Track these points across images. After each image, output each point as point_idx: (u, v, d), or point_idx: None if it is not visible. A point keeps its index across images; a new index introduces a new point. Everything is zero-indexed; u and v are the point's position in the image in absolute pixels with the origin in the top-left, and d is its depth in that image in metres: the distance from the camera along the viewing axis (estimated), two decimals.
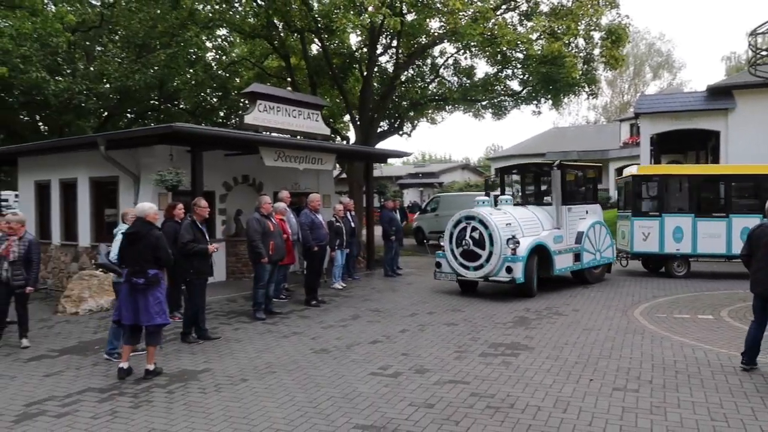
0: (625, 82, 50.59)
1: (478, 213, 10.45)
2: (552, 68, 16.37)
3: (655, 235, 12.66)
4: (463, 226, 10.52)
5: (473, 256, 10.35)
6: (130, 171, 10.95)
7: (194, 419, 4.92)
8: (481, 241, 10.22)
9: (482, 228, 10.25)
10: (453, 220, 10.84)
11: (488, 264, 10.18)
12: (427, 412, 4.94)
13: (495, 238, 10.11)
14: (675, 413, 4.82)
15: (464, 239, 10.38)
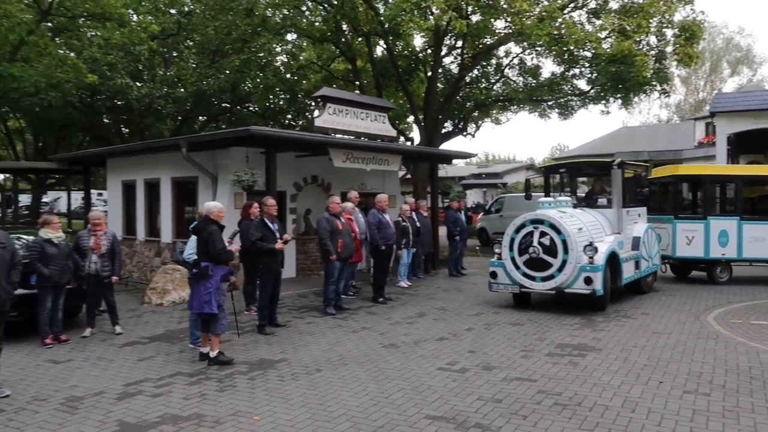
0: (701, 78, 48.35)
1: (549, 216, 9.25)
2: (622, 67, 16.04)
3: (700, 239, 11.95)
4: (528, 231, 9.34)
5: (541, 266, 9.17)
6: (209, 171, 11.59)
7: (275, 404, 5.28)
8: (553, 248, 9.06)
9: (553, 233, 9.09)
10: (514, 224, 9.60)
11: (560, 274, 9.02)
12: (495, 407, 5.11)
13: (570, 244, 8.96)
14: (749, 418, 4.78)
15: (531, 246, 9.19)
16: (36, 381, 6.03)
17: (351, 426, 4.72)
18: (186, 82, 19.57)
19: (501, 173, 46.35)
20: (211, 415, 4.99)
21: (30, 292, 7.66)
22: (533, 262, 9.25)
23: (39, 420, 4.94)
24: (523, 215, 9.70)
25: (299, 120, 24.91)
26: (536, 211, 9.58)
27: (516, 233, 9.50)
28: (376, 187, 14.90)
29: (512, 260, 9.46)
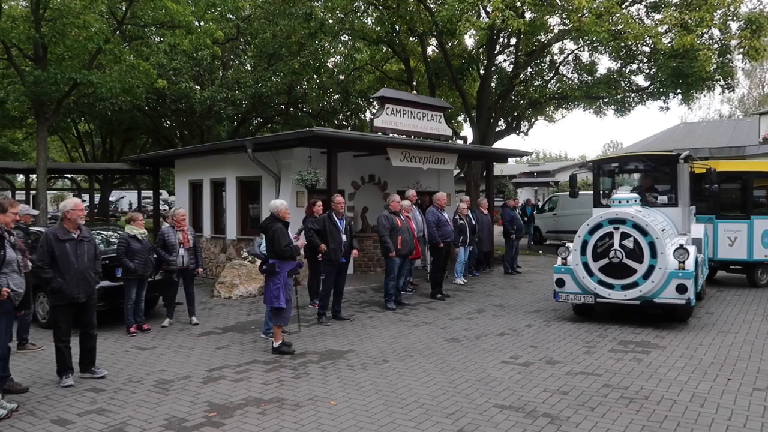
0: (766, 71, 46.29)
1: (633, 215, 8.12)
2: (683, 62, 15.65)
3: (743, 240, 11.25)
4: (606, 233, 8.20)
5: (622, 272, 8.05)
6: (272, 171, 12.08)
7: (348, 390, 5.59)
8: (637, 252, 7.97)
9: (638, 234, 7.99)
10: (588, 225, 8.42)
11: (647, 281, 7.90)
12: (561, 398, 5.26)
13: (659, 247, 7.86)
14: None
15: (612, 249, 8.08)
16: (128, 365, 6.55)
17: (423, 412, 4.97)
18: (244, 85, 20.29)
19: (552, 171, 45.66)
20: (290, 399, 5.34)
21: (115, 285, 8.29)
22: (612, 267, 8.12)
23: (137, 399, 5.40)
24: (599, 214, 8.56)
25: (352, 120, 25.40)
26: (613, 209, 8.49)
27: (590, 235, 8.35)
28: (431, 186, 15.12)
29: (584, 266, 8.31)
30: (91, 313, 5.99)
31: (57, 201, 45.76)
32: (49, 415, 5.02)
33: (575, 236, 8.61)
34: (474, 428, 4.61)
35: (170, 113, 22.32)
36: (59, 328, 5.77)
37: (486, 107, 18.97)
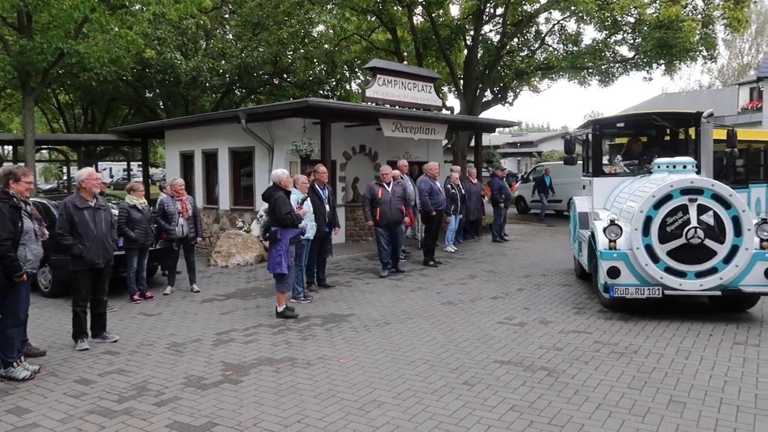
0: (746, 42, 46.84)
1: (713, 184, 6.57)
2: (668, 33, 15.92)
3: None
4: (677, 206, 6.50)
5: (699, 255, 6.46)
6: (266, 142, 12.18)
7: (355, 349, 5.87)
8: (719, 230, 6.42)
9: (720, 208, 6.45)
10: (653, 196, 6.55)
11: (729, 266, 6.40)
12: (557, 353, 5.61)
13: (745, 223, 6.39)
14: None
15: (689, 228, 6.39)
16: (138, 330, 6.76)
17: (429, 368, 5.28)
18: (230, 56, 20.11)
19: (535, 142, 46.14)
20: (301, 359, 5.61)
21: (117, 254, 8.41)
22: (685, 250, 6.48)
23: (154, 360, 5.63)
24: (666, 181, 6.64)
25: (338, 91, 25.35)
26: (686, 177, 6.71)
27: (655, 209, 6.55)
28: (421, 157, 15.32)
29: (648, 249, 6.57)
30: (105, 280, 6.18)
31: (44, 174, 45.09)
32: (71, 375, 5.23)
33: (634, 211, 6.70)
34: (478, 381, 4.93)
35: (155, 84, 22.08)
36: (78, 293, 5.95)
37: (473, 78, 19.12)
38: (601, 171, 8.73)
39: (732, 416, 4.17)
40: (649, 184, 7.12)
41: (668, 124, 8.72)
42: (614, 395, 4.57)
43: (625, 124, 9.36)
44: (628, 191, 7.80)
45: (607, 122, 9.25)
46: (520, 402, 4.48)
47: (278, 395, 4.70)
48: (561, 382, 4.87)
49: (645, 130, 9.42)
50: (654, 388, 4.69)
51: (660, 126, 8.77)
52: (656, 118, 8.57)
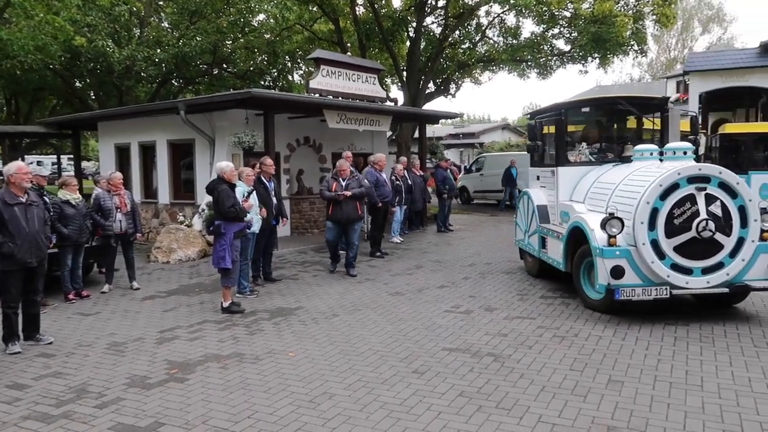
0: (673, 37, 49.14)
1: (720, 171, 6.09)
2: (602, 27, 16.51)
3: None
4: (685, 196, 5.97)
5: (706, 250, 5.99)
6: (206, 134, 11.86)
7: (304, 342, 5.84)
8: (726, 221, 5.98)
9: (727, 197, 6.01)
10: (659, 184, 5.99)
11: (734, 260, 6.01)
12: (502, 339, 5.75)
13: (751, 213, 6.03)
14: (722, 341, 5.50)
15: (699, 220, 5.89)
16: (74, 330, 6.47)
17: (378, 358, 5.31)
18: (166, 45, 19.43)
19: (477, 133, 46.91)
20: (249, 354, 5.53)
21: (50, 252, 8.01)
22: (692, 245, 5.96)
23: (93, 361, 5.41)
24: (672, 168, 6.08)
25: (279, 82, 24.95)
26: (692, 164, 6.20)
27: (662, 200, 5.98)
28: (366, 148, 15.31)
29: (654, 245, 6.00)
30: (38, 279, 5.87)
31: None
32: (2, 380, 4.96)
33: (635, 202, 6.12)
34: (427, 369, 5.00)
35: (86, 73, 21.07)
36: (9, 293, 5.62)
37: (416, 69, 19.25)
38: (566, 160, 7.97)
39: (666, 392, 4.40)
40: (643, 173, 6.45)
41: (635, 110, 8.11)
42: (557, 377, 4.74)
43: (591, 108, 8.47)
44: (608, 181, 7.07)
45: (573, 106, 8.40)
46: (468, 388, 4.58)
47: (227, 392, 4.61)
48: (507, 366, 5.01)
49: (609, 115, 8.71)
50: (594, 369, 4.89)
51: (625, 111, 8.18)
52: (623, 102, 8.00)
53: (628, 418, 3.99)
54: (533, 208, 8.42)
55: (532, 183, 9.07)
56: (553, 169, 8.08)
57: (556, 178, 7.95)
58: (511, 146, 34.62)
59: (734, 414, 4.01)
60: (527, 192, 8.85)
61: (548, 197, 8.27)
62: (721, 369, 4.83)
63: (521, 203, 9.16)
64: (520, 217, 9.18)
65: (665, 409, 4.12)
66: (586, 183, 7.62)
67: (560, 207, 7.80)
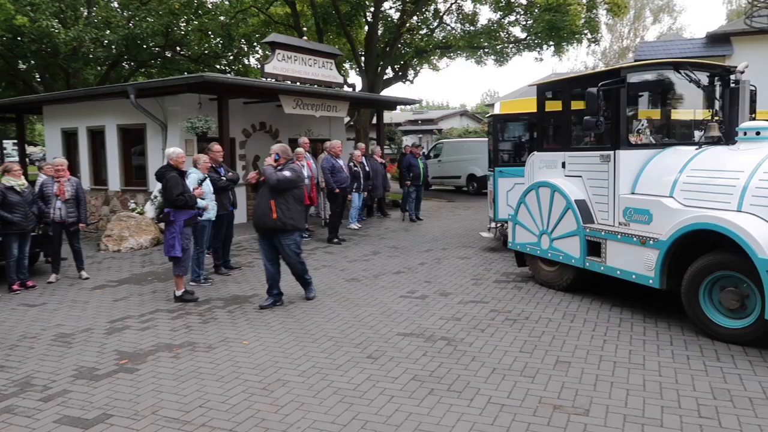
0: (625, 26, 50.25)
1: None
2: (556, 15, 16.76)
3: None
4: None
5: None
6: (158, 118, 11.56)
7: (258, 330, 5.81)
8: None
9: None
10: None
11: None
12: (456, 323, 5.85)
13: None
14: (663, 322, 5.74)
15: None
16: (18, 322, 6.26)
17: (333, 344, 5.33)
18: (115, 26, 18.76)
19: (436, 119, 47.13)
20: (202, 342, 5.46)
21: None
22: None
23: (38, 353, 5.25)
24: None
25: (235, 66, 24.45)
26: None
27: None
28: (323, 134, 15.22)
29: None
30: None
31: None
32: None
33: None
34: (381, 354, 5.05)
35: (29, 54, 20.17)
36: None
37: (374, 55, 19.16)
38: (628, 141, 6.28)
39: (610, 371, 4.57)
40: None
41: (701, 79, 6.52)
42: (508, 359, 4.86)
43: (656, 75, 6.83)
44: (721, 169, 5.47)
45: (640, 69, 6.60)
46: (421, 371, 4.64)
47: (178, 381, 4.56)
48: (459, 350, 5.10)
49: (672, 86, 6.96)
50: (543, 351, 5.04)
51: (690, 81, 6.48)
52: (689, 69, 6.43)
53: (573, 397, 4.12)
54: (568, 204, 6.62)
55: (537, 172, 7.42)
56: (607, 153, 6.27)
57: (615, 165, 6.19)
58: (470, 132, 34.92)
59: (672, 390, 4.20)
60: (549, 183, 6.97)
61: (590, 189, 6.58)
62: (662, 348, 5.03)
63: (530, 198, 7.34)
64: (526, 214, 7.42)
65: (609, 387, 4.27)
66: (662, 170, 5.97)
67: (624, 202, 6.12)
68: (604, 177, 6.36)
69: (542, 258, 7.27)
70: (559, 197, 6.80)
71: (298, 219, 6.61)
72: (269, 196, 6.42)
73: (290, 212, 6.46)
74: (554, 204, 6.88)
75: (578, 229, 6.50)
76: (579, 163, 6.76)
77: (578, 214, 6.52)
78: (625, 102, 6.17)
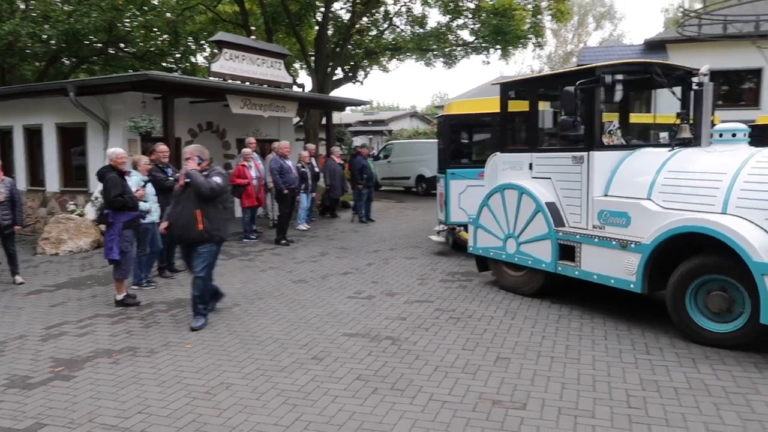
0: (569, 32, 51.80)
1: None
2: (503, 20, 17.15)
3: None
4: None
5: None
6: (99, 117, 11.21)
7: (202, 334, 5.73)
8: None
9: None
10: None
11: None
12: (401, 323, 5.94)
13: None
14: (600, 318, 5.99)
15: None
16: None
17: (278, 346, 5.32)
18: (55, 20, 18.05)
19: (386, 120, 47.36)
20: (143, 347, 5.35)
21: None
22: None
23: None
24: None
25: (182, 64, 23.92)
26: None
27: None
28: (271, 134, 15.09)
29: None
30: None
31: None
32: None
33: None
34: (326, 355, 5.08)
35: None
36: None
37: (324, 55, 19.13)
38: (601, 142, 6.18)
39: (547, 366, 4.74)
40: None
41: (666, 81, 6.48)
42: (450, 357, 4.97)
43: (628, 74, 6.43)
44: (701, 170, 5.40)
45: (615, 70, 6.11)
46: (365, 371, 4.70)
47: (117, 387, 4.46)
48: (404, 349, 5.18)
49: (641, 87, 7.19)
50: (485, 348, 5.17)
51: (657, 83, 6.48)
52: (658, 71, 6.32)
53: (512, 392, 4.26)
54: (538, 207, 6.46)
55: (501, 174, 7.20)
56: (580, 154, 6.12)
57: (589, 167, 6.06)
58: (420, 133, 35.24)
59: (605, 383, 4.39)
60: (516, 185, 6.78)
61: (561, 191, 6.42)
62: (596, 343, 5.26)
63: (494, 200, 7.12)
64: (490, 217, 7.20)
65: (545, 382, 4.44)
66: (636, 172, 5.89)
67: (599, 204, 5.98)
68: (576, 179, 6.20)
69: (508, 263, 7.06)
70: (527, 200, 6.61)
71: (225, 229, 6.14)
72: (195, 204, 5.81)
73: (217, 222, 5.95)
74: (522, 207, 6.70)
75: (550, 232, 6.33)
76: (548, 165, 6.59)
77: (549, 217, 6.35)
78: (600, 102, 6.04)
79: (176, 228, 6.01)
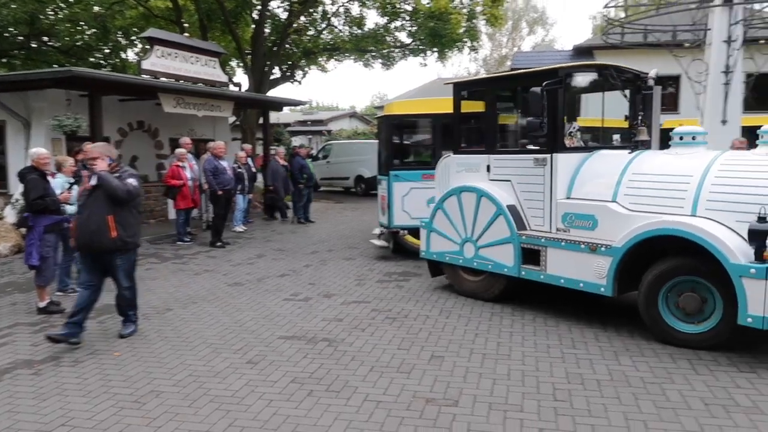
0: (504, 36, 53.21)
1: None
2: (439, 23, 17.44)
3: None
4: None
5: None
6: (20, 115, 10.64)
7: (132, 341, 5.55)
8: None
9: None
10: None
11: None
12: (337, 324, 5.95)
13: None
14: (530, 317, 6.21)
15: None
16: None
17: (211, 351, 5.22)
18: None
19: (325, 120, 47.20)
20: (67, 357, 5.13)
21: None
22: None
23: None
24: None
25: (112, 60, 23.01)
26: None
27: None
28: (207, 134, 14.77)
29: None
30: None
31: None
32: None
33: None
34: (261, 358, 5.03)
35: None
36: None
37: (261, 54, 18.87)
38: (564, 144, 6.07)
39: (479, 363, 4.87)
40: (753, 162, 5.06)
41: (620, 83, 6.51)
42: (386, 357, 5.03)
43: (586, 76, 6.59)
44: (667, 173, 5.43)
45: (578, 69, 6.34)
46: (301, 374, 4.69)
47: (38, 400, 4.26)
48: (340, 350, 5.20)
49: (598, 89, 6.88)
50: (419, 347, 5.26)
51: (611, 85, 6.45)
52: (613, 73, 6.33)
53: (445, 390, 4.36)
54: (499, 210, 6.32)
55: (454, 176, 7.01)
56: (543, 156, 6.05)
57: (552, 169, 5.98)
58: (359, 134, 35.32)
59: (533, 377, 4.56)
60: (474, 188, 6.62)
61: (521, 194, 6.33)
62: (526, 339, 5.45)
63: (450, 203, 6.91)
64: (445, 221, 6.98)
65: (477, 378, 4.56)
66: (597, 175, 5.89)
67: (563, 207, 5.90)
68: (538, 181, 6.08)
69: (465, 267, 6.87)
70: (486, 203, 6.43)
71: (138, 234, 5.67)
72: (107, 209, 5.24)
73: (132, 228, 5.45)
74: (481, 210, 6.51)
75: (512, 236, 6.18)
76: (507, 167, 6.43)
77: (512, 221, 6.20)
78: (563, 103, 5.95)
79: (83, 236, 5.34)
